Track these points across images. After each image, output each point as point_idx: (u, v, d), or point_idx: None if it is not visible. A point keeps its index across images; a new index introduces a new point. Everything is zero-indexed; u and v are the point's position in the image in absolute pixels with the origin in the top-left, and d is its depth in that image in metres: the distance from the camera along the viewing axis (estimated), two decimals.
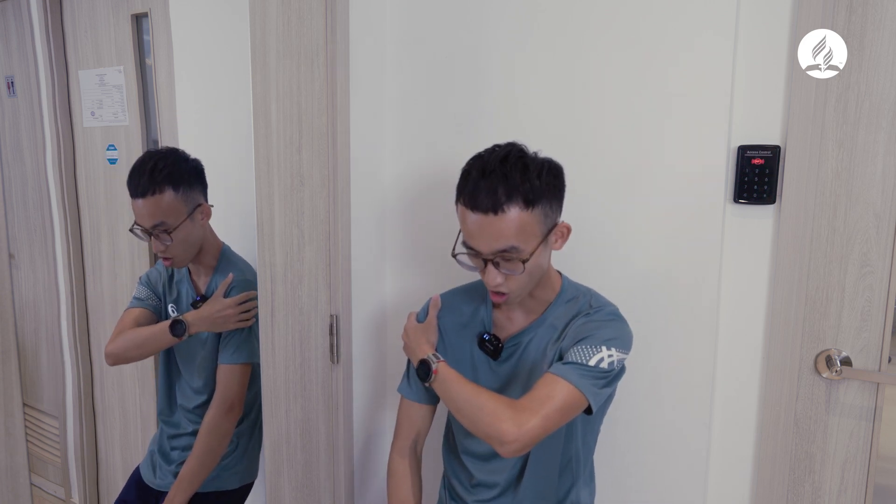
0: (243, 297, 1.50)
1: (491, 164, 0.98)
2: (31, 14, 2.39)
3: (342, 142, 1.32)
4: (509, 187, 0.96)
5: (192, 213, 1.47)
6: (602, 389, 1.01)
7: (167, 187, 1.42)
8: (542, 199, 0.98)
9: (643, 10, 1.21)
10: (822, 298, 1.16)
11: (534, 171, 0.98)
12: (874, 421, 1.16)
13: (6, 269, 1.58)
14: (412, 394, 1.21)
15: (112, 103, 2.27)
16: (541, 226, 1.00)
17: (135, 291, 1.64)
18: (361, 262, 1.44)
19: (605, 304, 1.10)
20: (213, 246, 1.59)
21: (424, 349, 1.12)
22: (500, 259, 1.00)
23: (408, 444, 1.22)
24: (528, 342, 1.11)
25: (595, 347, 1.00)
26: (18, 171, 2.60)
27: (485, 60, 1.38)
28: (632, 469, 1.33)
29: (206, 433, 1.51)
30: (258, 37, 1.37)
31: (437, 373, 1.06)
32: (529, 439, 0.95)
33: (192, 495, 1.53)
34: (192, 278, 1.60)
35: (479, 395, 1.00)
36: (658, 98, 1.21)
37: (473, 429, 1.00)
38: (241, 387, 1.53)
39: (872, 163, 1.10)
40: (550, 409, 0.95)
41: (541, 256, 1.02)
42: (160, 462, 1.65)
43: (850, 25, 1.09)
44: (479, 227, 0.98)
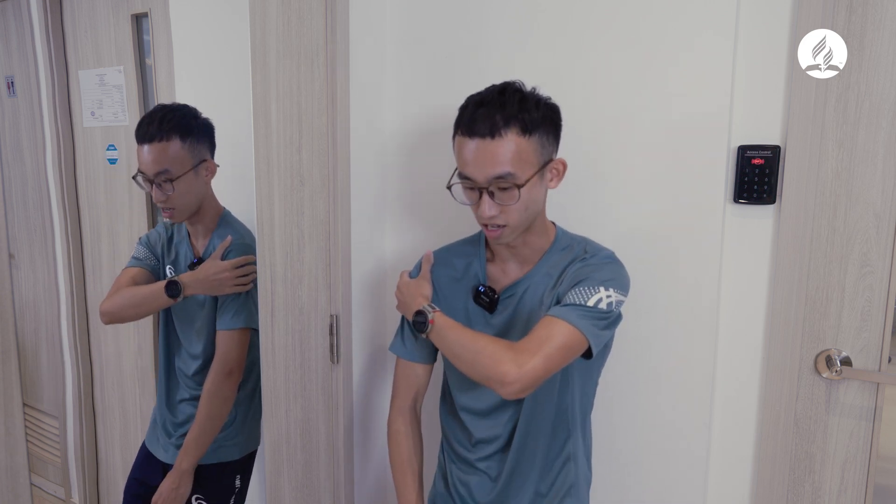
0: (241, 260, 1.49)
1: (489, 96, 1.00)
2: (31, 14, 2.39)
3: (342, 142, 1.32)
4: (507, 114, 0.97)
5: (196, 166, 1.48)
6: (602, 331, 1.00)
7: (175, 136, 1.43)
8: (539, 129, 1.00)
9: (643, 10, 1.21)
10: (822, 298, 1.16)
11: (531, 102, 1.00)
12: (874, 421, 1.16)
13: (6, 269, 1.58)
14: (407, 353, 1.20)
15: (112, 103, 2.27)
16: (537, 155, 1.00)
17: (133, 251, 1.63)
18: (361, 261, 1.44)
19: (600, 248, 1.10)
20: (214, 208, 1.58)
21: (419, 301, 1.12)
22: (495, 188, 1.00)
23: (406, 403, 1.22)
24: (524, 292, 1.11)
25: (593, 288, 1.00)
26: (18, 171, 2.60)
27: (485, 60, 1.38)
28: (632, 469, 1.33)
29: (207, 398, 1.51)
30: (258, 37, 1.37)
31: (433, 322, 1.06)
32: (530, 379, 0.94)
33: (197, 460, 1.53)
34: (191, 240, 1.60)
35: (478, 340, 1.01)
36: (658, 98, 1.21)
37: (473, 373, 1.00)
38: (240, 351, 1.52)
39: (872, 163, 1.10)
40: (551, 349, 0.95)
41: (536, 189, 1.02)
42: (161, 434, 1.65)
43: (850, 25, 1.09)
44: (476, 154, 0.99)
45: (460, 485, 1.20)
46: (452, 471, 1.22)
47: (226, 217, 1.61)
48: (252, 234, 1.56)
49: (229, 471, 1.64)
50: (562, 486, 1.15)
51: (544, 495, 1.15)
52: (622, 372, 1.30)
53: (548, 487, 1.15)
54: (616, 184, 1.27)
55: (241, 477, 1.67)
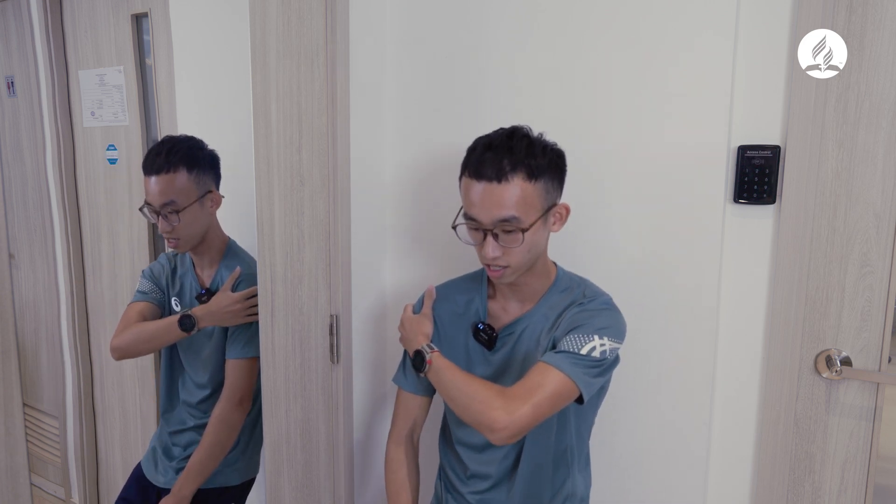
0: (251, 291, 1.50)
1: (497, 140, 1.02)
2: (31, 14, 2.39)
3: (342, 142, 1.32)
4: (514, 159, 0.99)
5: (202, 197, 1.49)
6: (594, 378, 1.01)
7: (181, 167, 1.46)
8: (545, 175, 1.01)
9: (643, 10, 1.21)
10: (822, 298, 1.16)
11: (538, 148, 1.02)
12: (874, 421, 1.16)
13: (6, 269, 1.58)
14: (408, 384, 1.22)
15: (112, 103, 2.27)
16: (542, 200, 1.02)
17: (138, 285, 1.64)
18: (361, 262, 1.44)
19: (598, 293, 1.11)
20: (219, 238, 1.59)
21: (419, 340, 1.14)
22: (500, 231, 1.01)
23: (404, 433, 1.23)
24: (523, 331, 1.12)
25: (587, 336, 1.01)
26: (18, 171, 2.60)
27: (485, 60, 1.38)
28: (632, 469, 1.33)
29: (215, 425, 1.51)
30: (258, 37, 1.37)
31: (430, 363, 1.08)
32: (519, 427, 0.96)
33: (198, 487, 1.53)
34: (196, 271, 1.60)
35: (471, 384, 1.02)
36: (658, 98, 1.21)
37: (465, 417, 1.02)
38: (250, 380, 1.54)
39: (872, 163, 1.10)
40: (541, 397, 0.97)
41: (539, 233, 1.04)
42: (162, 458, 1.65)
43: (850, 25, 1.09)
44: (482, 197, 1.00)
45: None
46: (448, 500, 1.24)
47: (232, 247, 1.61)
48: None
49: (227, 497, 1.63)
50: None
51: None
52: (622, 372, 1.30)
53: None
54: (616, 184, 1.27)
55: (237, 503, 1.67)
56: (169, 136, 1.52)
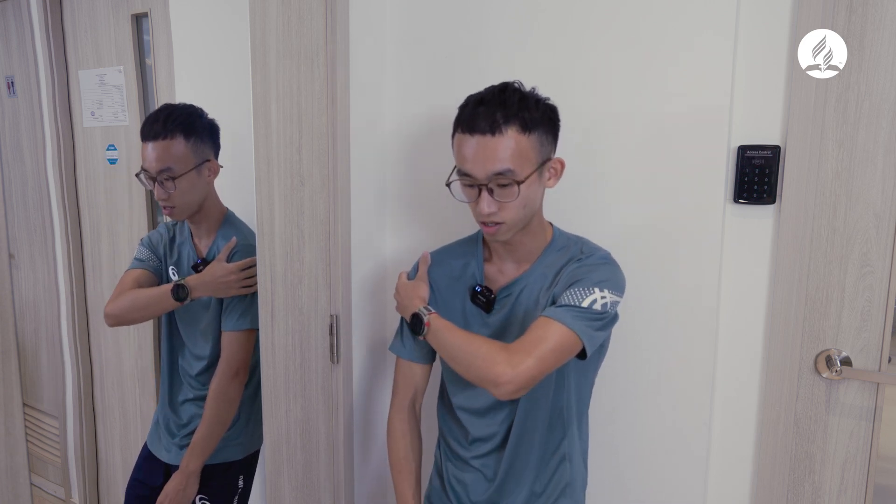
0: (247, 262, 1.49)
1: (489, 95, 1.01)
2: (31, 14, 2.39)
3: (342, 142, 1.32)
4: (507, 112, 0.98)
5: (199, 165, 1.49)
6: (596, 332, 1.01)
7: (179, 134, 1.45)
8: (538, 128, 1.01)
9: (643, 11, 1.21)
10: (822, 298, 1.16)
11: (531, 101, 1.01)
12: (874, 421, 1.16)
13: (6, 269, 1.58)
14: (406, 352, 1.22)
15: (112, 103, 2.27)
16: (536, 153, 1.01)
17: (136, 252, 1.63)
18: (361, 261, 1.44)
19: (596, 248, 1.10)
20: (217, 209, 1.59)
21: (416, 303, 1.13)
22: (494, 185, 1.00)
23: (405, 402, 1.23)
24: (520, 292, 1.11)
25: (588, 289, 1.01)
26: (18, 171, 2.60)
27: (485, 60, 1.38)
28: (631, 469, 1.33)
29: (213, 399, 1.51)
30: (258, 37, 1.37)
31: (429, 325, 1.08)
32: (524, 380, 0.95)
33: (204, 461, 1.53)
34: (193, 241, 1.60)
35: (473, 342, 1.02)
36: (658, 98, 1.21)
37: (468, 375, 1.01)
38: (246, 353, 1.53)
39: (872, 163, 1.10)
40: (544, 350, 0.96)
41: (534, 186, 1.03)
42: (164, 433, 1.65)
43: (850, 25, 1.09)
44: (476, 150, 1.00)
45: (456, 483, 1.20)
46: (448, 468, 1.23)
47: (229, 218, 1.61)
48: (255, 235, 1.56)
49: (233, 471, 1.64)
50: (557, 486, 1.16)
51: (539, 494, 1.16)
52: (622, 372, 1.30)
53: (543, 486, 1.15)
54: (616, 184, 1.27)
55: (244, 477, 1.67)
56: (167, 104, 1.50)
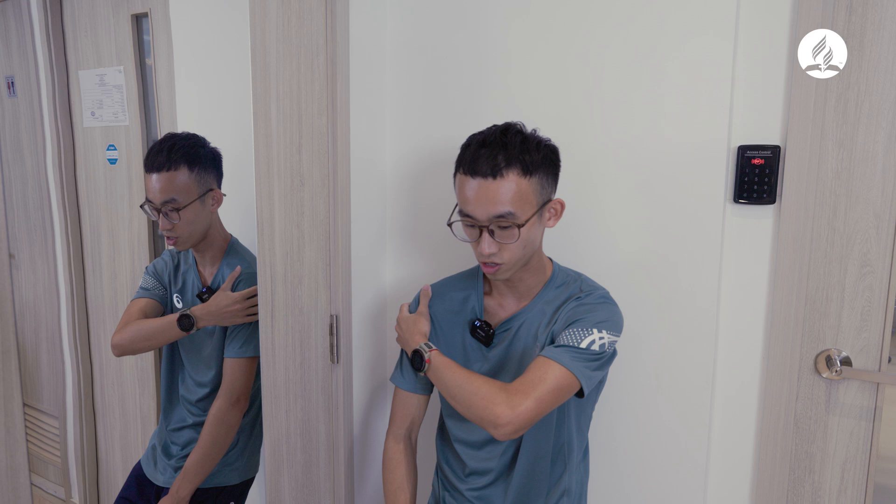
0: (251, 291, 1.50)
1: (491, 136, 1.02)
2: (31, 14, 2.39)
3: (342, 142, 1.32)
4: (509, 155, 0.99)
5: (203, 195, 1.50)
6: (594, 372, 1.02)
7: (182, 165, 1.46)
8: (539, 171, 1.02)
9: (642, 11, 1.21)
10: (822, 298, 1.16)
11: (532, 143, 1.02)
12: (874, 421, 1.16)
13: (6, 269, 1.58)
14: (405, 383, 1.23)
15: (112, 103, 2.27)
16: (537, 195, 1.02)
17: (141, 281, 1.64)
18: (361, 261, 1.44)
19: (595, 287, 1.11)
20: (221, 236, 1.59)
21: (417, 339, 1.14)
22: (495, 227, 1.02)
23: (402, 431, 1.24)
24: (519, 327, 1.12)
25: (586, 330, 1.02)
26: (18, 171, 2.60)
27: (484, 61, 1.38)
28: (631, 469, 1.33)
29: (212, 425, 1.52)
30: (258, 37, 1.37)
31: (429, 362, 1.08)
32: (523, 421, 0.96)
33: (196, 486, 1.53)
34: (198, 269, 1.60)
35: (473, 381, 1.02)
36: (658, 98, 1.21)
37: (468, 413, 1.02)
38: (247, 380, 1.54)
39: (872, 163, 1.10)
40: (543, 392, 0.97)
41: (534, 229, 1.04)
42: (161, 457, 1.65)
43: (850, 25, 1.09)
44: (478, 193, 1.00)
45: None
46: (445, 498, 1.24)
47: (234, 245, 1.61)
48: None
49: (225, 496, 1.63)
50: None
51: None
52: (621, 372, 1.30)
53: None
54: (616, 184, 1.27)
55: (236, 503, 1.67)
56: (171, 134, 1.52)
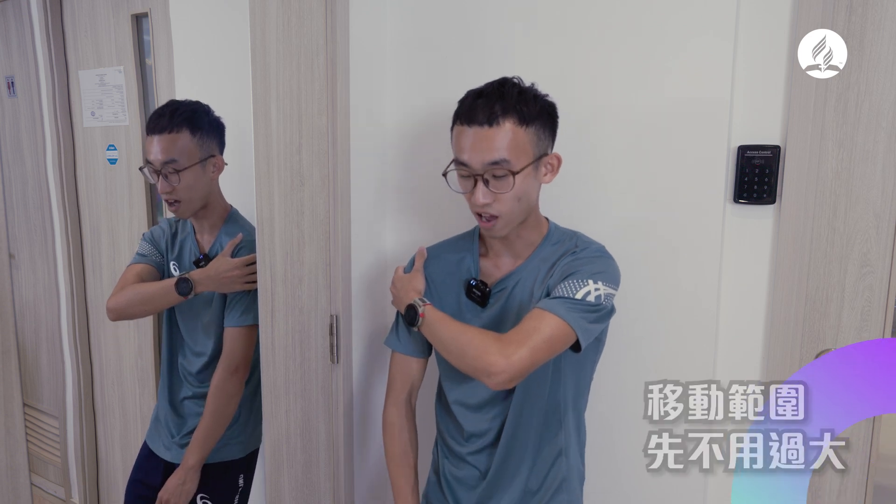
0: (251, 258, 1.49)
1: (488, 88, 1.03)
2: (31, 14, 2.39)
3: (342, 142, 1.32)
4: (505, 104, 1.00)
5: (204, 160, 1.49)
6: (591, 325, 1.02)
7: (185, 128, 1.46)
8: (536, 122, 1.02)
9: (643, 11, 1.21)
10: (822, 298, 1.16)
11: (529, 95, 1.03)
12: (874, 421, 1.16)
13: (6, 269, 1.58)
14: (401, 346, 1.22)
15: (112, 103, 2.27)
16: (533, 146, 1.02)
17: (138, 247, 1.63)
18: (361, 261, 1.44)
19: (591, 242, 1.12)
20: (220, 205, 1.59)
21: (411, 295, 1.14)
22: (489, 176, 1.01)
23: (401, 396, 1.23)
24: (515, 285, 1.12)
25: (582, 281, 1.02)
26: (18, 171, 2.60)
27: (484, 59, 1.38)
28: (631, 470, 1.33)
29: (213, 395, 1.51)
30: (258, 37, 1.37)
31: (423, 316, 1.08)
32: (517, 370, 0.96)
33: (205, 457, 1.53)
34: (196, 236, 1.60)
35: (466, 332, 1.03)
36: (658, 98, 1.21)
37: (462, 365, 1.02)
38: (247, 349, 1.53)
39: (872, 163, 1.10)
40: (537, 341, 0.97)
41: (530, 180, 1.04)
42: (163, 431, 1.65)
43: (850, 25, 1.09)
44: (473, 141, 1.01)
45: (452, 479, 1.21)
46: (445, 465, 1.23)
47: (234, 215, 1.61)
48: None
49: (233, 469, 1.64)
50: (553, 481, 1.16)
51: (535, 492, 1.15)
52: (621, 372, 1.30)
53: (538, 483, 1.15)
54: (616, 183, 1.27)
55: (245, 476, 1.67)
56: (174, 100, 1.52)
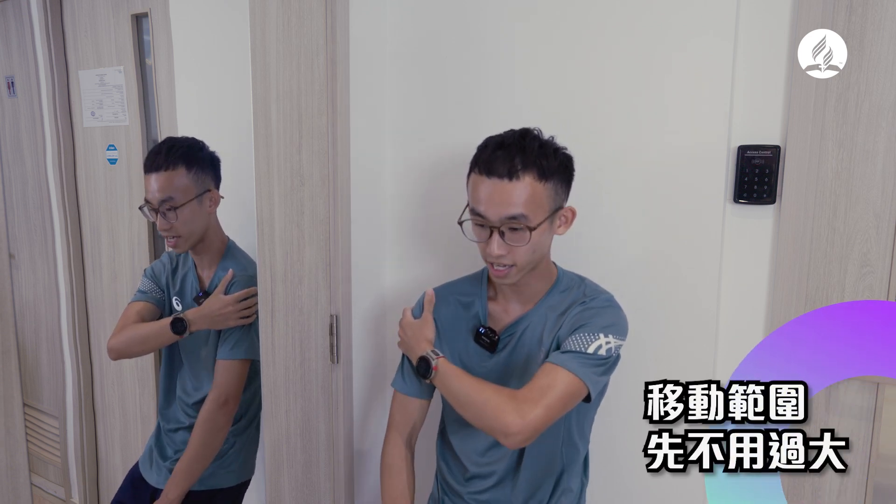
0: (244, 293, 1.50)
1: (509, 138, 1.02)
2: (31, 14, 2.39)
3: (342, 142, 1.32)
4: (526, 158, 0.99)
5: (200, 195, 1.51)
6: (600, 377, 1.03)
7: (180, 165, 1.48)
8: (555, 177, 1.02)
9: (642, 11, 1.21)
10: (822, 298, 1.16)
11: (550, 149, 1.03)
12: (874, 421, 1.16)
13: (6, 269, 1.58)
14: (406, 388, 1.21)
15: (112, 103, 2.27)
16: (550, 201, 1.03)
17: (139, 284, 1.64)
18: (361, 261, 1.44)
19: (600, 291, 1.12)
20: (219, 239, 1.60)
21: (423, 346, 1.13)
22: (506, 229, 1.01)
23: (402, 437, 1.22)
24: (524, 331, 1.12)
25: (593, 335, 1.02)
26: (18, 171, 2.60)
27: (485, 60, 1.38)
28: (632, 471, 1.33)
29: (200, 426, 1.52)
30: (258, 37, 1.37)
31: (436, 369, 1.07)
32: (533, 430, 0.96)
33: (187, 490, 1.53)
34: (197, 272, 1.61)
35: (482, 390, 1.02)
36: (658, 98, 1.21)
37: (477, 423, 1.02)
38: (237, 382, 1.53)
39: (872, 163, 1.10)
40: (552, 399, 0.97)
41: (545, 234, 1.04)
42: (157, 458, 1.65)
43: (850, 25, 1.09)
44: (492, 193, 1.00)
45: None
46: (445, 502, 1.23)
47: (231, 248, 1.62)
48: (255, 265, 1.57)
49: (220, 498, 1.63)
50: None
51: None
52: (622, 373, 1.30)
53: None
54: (615, 183, 1.27)
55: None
56: (170, 137, 1.54)
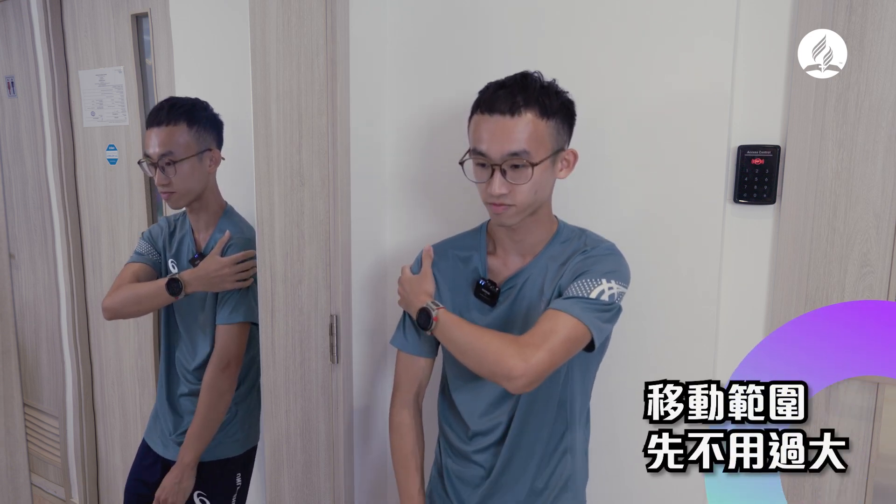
0: (241, 255, 1.50)
1: (510, 79, 1.03)
2: (31, 14, 2.39)
3: (342, 142, 1.32)
4: (528, 96, 1.00)
5: (200, 153, 1.51)
6: (604, 324, 1.02)
7: (182, 121, 1.48)
8: (556, 116, 1.03)
9: (642, 11, 1.21)
10: (822, 298, 1.16)
11: (551, 90, 1.04)
12: (874, 421, 1.16)
13: (6, 269, 1.58)
14: (408, 346, 1.20)
15: (112, 103, 2.27)
16: (552, 139, 1.03)
17: (136, 246, 1.65)
18: (361, 261, 1.44)
19: (601, 240, 1.11)
20: (216, 201, 1.60)
21: (423, 298, 1.12)
22: (507, 167, 1.01)
23: (409, 396, 1.22)
24: (524, 283, 1.11)
25: (595, 280, 1.02)
26: (18, 171, 2.60)
27: (485, 60, 1.38)
28: (630, 470, 1.33)
29: (205, 391, 1.53)
30: (258, 37, 1.37)
31: (437, 320, 1.07)
32: (536, 373, 0.96)
33: (201, 452, 1.54)
34: (193, 235, 1.61)
35: (483, 336, 1.02)
36: (658, 98, 1.21)
37: (479, 369, 1.02)
38: (237, 346, 1.54)
39: (872, 163, 1.10)
40: (555, 343, 0.97)
41: (546, 173, 1.04)
42: (162, 427, 1.66)
43: (850, 25, 1.09)
44: (493, 130, 1.00)
45: (455, 478, 1.20)
46: (448, 465, 1.22)
47: (228, 212, 1.62)
48: (253, 229, 1.57)
49: (230, 468, 1.64)
50: (559, 480, 1.16)
51: (540, 491, 1.15)
52: (621, 373, 1.30)
53: (545, 482, 1.15)
54: (615, 183, 1.27)
55: (242, 475, 1.68)
56: (173, 96, 1.54)
